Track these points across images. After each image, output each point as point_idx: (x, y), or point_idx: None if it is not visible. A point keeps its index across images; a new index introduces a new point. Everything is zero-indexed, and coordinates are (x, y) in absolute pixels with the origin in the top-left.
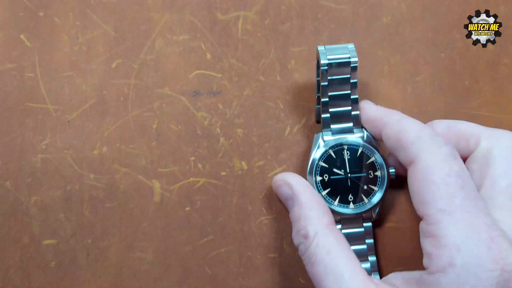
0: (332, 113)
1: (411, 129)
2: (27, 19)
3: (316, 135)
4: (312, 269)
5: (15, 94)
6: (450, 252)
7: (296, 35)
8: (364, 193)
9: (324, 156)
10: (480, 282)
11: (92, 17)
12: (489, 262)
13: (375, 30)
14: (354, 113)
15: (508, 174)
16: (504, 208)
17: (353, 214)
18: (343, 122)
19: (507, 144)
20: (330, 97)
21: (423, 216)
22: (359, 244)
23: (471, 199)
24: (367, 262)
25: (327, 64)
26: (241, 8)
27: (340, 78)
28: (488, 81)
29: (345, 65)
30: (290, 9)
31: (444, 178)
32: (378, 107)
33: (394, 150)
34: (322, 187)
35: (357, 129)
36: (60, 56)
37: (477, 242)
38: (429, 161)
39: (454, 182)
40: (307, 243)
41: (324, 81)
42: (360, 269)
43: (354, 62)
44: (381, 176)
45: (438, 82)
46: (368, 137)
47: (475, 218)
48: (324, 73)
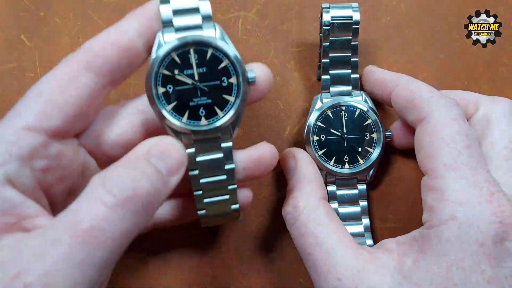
0: (332, 75)
1: (424, 89)
2: (28, 19)
3: (315, 97)
4: (301, 241)
5: (16, 94)
6: (452, 205)
7: (296, 35)
8: (359, 154)
9: (322, 116)
10: (480, 234)
11: (92, 17)
12: (489, 215)
13: (375, 30)
14: (354, 76)
15: (505, 137)
16: (501, 169)
17: (348, 174)
18: (342, 85)
19: (504, 109)
20: (331, 58)
21: (428, 170)
22: (353, 206)
23: (475, 157)
24: (360, 224)
25: (329, 23)
26: (241, 9)
27: (341, 39)
28: (487, 81)
29: (348, 26)
30: (290, 9)
31: (453, 135)
32: (385, 70)
33: (404, 109)
34: (318, 147)
35: (356, 92)
36: (61, 56)
37: (478, 196)
38: (440, 118)
39: (462, 140)
40: (295, 214)
41: (326, 41)
42: (351, 240)
43: (356, 24)
44: (377, 138)
45: (437, 82)
46: (366, 99)
47: (478, 175)
48: (326, 33)
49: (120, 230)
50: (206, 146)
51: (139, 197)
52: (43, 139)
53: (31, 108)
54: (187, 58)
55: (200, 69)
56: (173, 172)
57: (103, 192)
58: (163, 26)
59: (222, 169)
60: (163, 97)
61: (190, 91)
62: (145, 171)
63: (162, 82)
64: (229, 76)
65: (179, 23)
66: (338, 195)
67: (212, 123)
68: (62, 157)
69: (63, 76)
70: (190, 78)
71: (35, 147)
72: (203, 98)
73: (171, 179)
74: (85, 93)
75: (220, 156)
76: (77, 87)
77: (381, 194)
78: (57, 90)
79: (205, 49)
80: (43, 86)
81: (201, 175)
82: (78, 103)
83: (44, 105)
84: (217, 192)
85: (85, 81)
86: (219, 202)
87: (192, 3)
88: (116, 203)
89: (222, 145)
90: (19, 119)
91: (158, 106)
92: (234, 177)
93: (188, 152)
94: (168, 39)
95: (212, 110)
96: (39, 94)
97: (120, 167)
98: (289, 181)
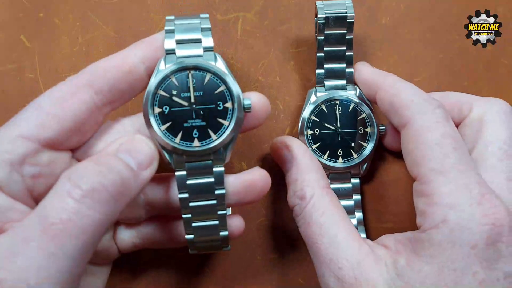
0: (327, 69)
1: (405, 92)
2: (27, 20)
3: (309, 91)
4: (307, 230)
5: (15, 95)
6: (443, 209)
7: (296, 36)
8: (353, 149)
9: (316, 110)
10: (472, 236)
11: (92, 18)
12: (481, 217)
13: (374, 30)
14: (348, 71)
15: (499, 137)
16: (495, 170)
17: (342, 168)
18: (337, 79)
19: (498, 110)
20: (326, 52)
21: (417, 176)
22: (346, 199)
23: (463, 159)
24: (353, 218)
25: (324, 17)
26: (241, 9)
27: (336, 33)
28: (487, 82)
29: (342, 19)
30: (289, 10)
31: (438, 139)
32: (373, 69)
33: (388, 113)
34: (312, 141)
35: (350, 86)
36: (60, 56)
37: (468, 198)
38: (422, 123)
39: (448, 143)
40: (303, 204)
41: (320, 35)
42: (354, 231)
43: (351, 18)
44: (371, 133)
45: (437, 83)
46: (360, 94)
47: (467, 177)
48: (321, 26)
49: (90, 221)
50: (197, 170)
51: (106, 188)
52: (35, 147)
53: (28, 118)
54: (185, 81)
55: (197, 92)
56: (143, 166)
57: (69, 186)
58: (166, 54)
59: (212, 193)
60: (158, 117)
61: (185, 113)
62: (112, 165)
63: (159, 103)
64: (225, 101)
65: (181, 53)
66: (332, 188)
67: (204, 145)
68: (54, 165)
69: (64, 91)
70: (186, 100)
71: (26, 154)
72: (197, 120)
73: (142, 173)
74: (83, 108)
75: (211, 180)
76: (76, 103)
77: (377, 194)
78: (56, 103)
79: (203, 73)
80: (44, 99)
81: (190, 199)
82: (75, 118)
83: (41, 116)
84: (206, 216)
85: (84, 98)
86: (208, 227)
87: (195, 36)
88: (83, 194)
89: (214, 169)
90: (15, 127)
91: (152, 125)
92: (224, 203)
93: (180, 175)
94: (169, 65)
95: (206, 133)
96: (39, 106)
97: (87, 163)
98: (288, 171)
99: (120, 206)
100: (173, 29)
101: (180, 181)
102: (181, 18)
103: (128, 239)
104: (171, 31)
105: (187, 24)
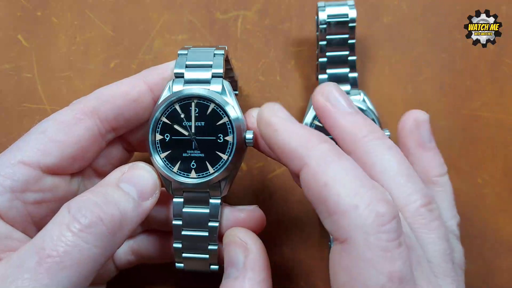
0: (330, 75)
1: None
2: (25, 19)
3: (312, 96)
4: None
5: (13, 94)
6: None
7: (296, 35)
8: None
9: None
10: None
11: (90, 17)
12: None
13: (376, 30)
14: (352, 75)
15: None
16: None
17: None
18: (340, 84)
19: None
20: (328, 57)
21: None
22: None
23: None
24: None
25: (325, 22)
26: (241, 8)
27: (338, 38)
28: (490, 82)
29: (344, 24)
30: (290, 8)
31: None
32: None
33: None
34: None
35: (354, 91)
36: (58, 56)
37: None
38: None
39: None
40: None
41: (322, 40)
42: None
43: (353, 22)
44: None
45: (439, 83)
46: (364, 99)
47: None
48: (323, 31)
49: (87, 254)
50: (194, 199)
51: (104, 222)
52: (37, 173)
53: (30, 144)
54: (188, 109)
55: (198, 122)
56: (145, 197)
57: (68, 218)
58: (175, 77)
59: (205, 225)
60: (159, 144)
61: (185, 142)
62: (113, 196)
63: (161, 130)
64: (226, 134)
65: (189, 76)
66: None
67: (201, 178)
68: (56, 190)
69: (68, 117)
70: (187, 130)
71: (28, 180)
72: (196, 151)
73: (143, 204)
74: (86, 135)
75: (206, 211)
76: (80, 129)
77: None
78: (59, 129)
79: (207, 103)
80: (48, 124)
81: (183, 227)
82: (78, 145)
83: (44, 142)
84: (197, 250)
85: (88, 124)
86: (198, 259)
87: (206, 62)
88: (80, 228)
89: (210, 201)
90: (17, 152)
91: (152, 152)
92: (216, 236)
93: (176, 202)
94: (176, 90)
95: (204, 165)
96: (43, 131)
97: (88, 194)
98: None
99: (119, 238)
100: (186, 53)
101: (176, 208)
102: (197, 47)
103: (123, 255)
104: (183, 55)
105: (201, 52)
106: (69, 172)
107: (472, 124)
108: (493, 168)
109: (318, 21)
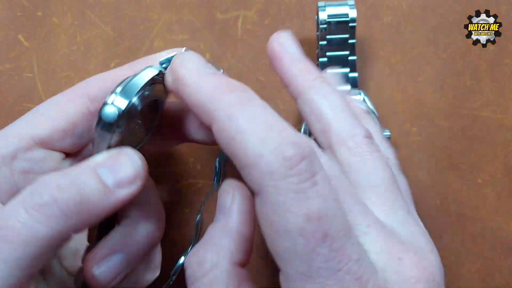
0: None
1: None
2: (25, 19)
3: None
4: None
5: (13, 94)
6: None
7: (296, 35)
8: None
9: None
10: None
11: (90, 17)
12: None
13: (376, 29)
14: (352, 76)
15: None
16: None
17: None
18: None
19: None
20: (329, 58)
21: (281, 270)
22: None
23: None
24: None
25: (326, 23)
26: (241, 8)
27: (338, 38)
28: (490, 82)
29: (344, 24)
30: (290, 8)
31: (300, 227)
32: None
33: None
34: None
35: (354, 91)
36: (58, 56)
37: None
38: (278, 198)
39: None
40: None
41: (323, 40)
42: None
43: (353, 22)
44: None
45: (439, 82)
46: (365, 99)
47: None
48: (323, 32)
49: (34, 234)
50: None
51: (58, 204)
52: (28, 143)
53: (23, 119)
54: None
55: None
56: (122, 185)
57: (26, 195)
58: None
59: None
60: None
61: None
62: (80, 179)
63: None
64: None
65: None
66: None
67: None
68: (45, 163)
69: (59, 98)
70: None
71: (18, 149)
72: None
73: (118, 191)
74: (78, 112)
75: None
76: (70, 107)
77: None
78: (51, 108)
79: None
80: (41, 105)
81: None
82: (68, 119)
83: (36, 117)
84: None
85: (78, 102)
86: None
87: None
88: (33, 206)
89: None
90: (10, 127)
91: None
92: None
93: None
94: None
95: None
96: (36, 110)
97: (58, 173)
98: (214, 221)
99: (77, 222)
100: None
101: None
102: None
103: None
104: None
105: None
106: (62, 147)
107: (472, 124)
108: (493, 168)
109: (319, 21)
